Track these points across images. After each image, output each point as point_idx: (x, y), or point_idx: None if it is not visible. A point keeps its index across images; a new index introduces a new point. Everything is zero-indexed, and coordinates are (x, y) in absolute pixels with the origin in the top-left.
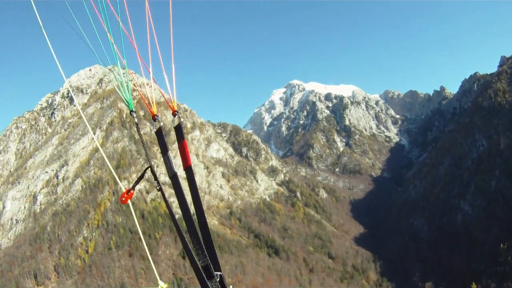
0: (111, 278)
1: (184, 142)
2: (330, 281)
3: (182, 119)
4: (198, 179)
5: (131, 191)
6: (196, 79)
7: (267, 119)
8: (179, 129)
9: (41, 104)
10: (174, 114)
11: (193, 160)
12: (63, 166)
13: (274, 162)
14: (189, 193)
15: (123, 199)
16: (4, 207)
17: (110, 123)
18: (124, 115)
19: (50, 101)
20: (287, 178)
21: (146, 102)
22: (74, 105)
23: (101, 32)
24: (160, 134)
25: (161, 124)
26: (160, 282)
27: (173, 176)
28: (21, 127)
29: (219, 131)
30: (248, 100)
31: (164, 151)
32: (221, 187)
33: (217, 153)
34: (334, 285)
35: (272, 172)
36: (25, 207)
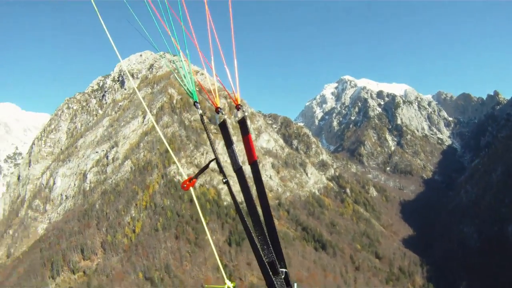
0: (156, 258)
1: (249, 135)
2: (375, 281)
3: (246, 113)
4: (247, 168)
5: (194, 180)
6: (248, 69)
7: (318, 113)
8: (243, 123)
9: (92, 87)
10: (237, 108)
11: (242, 150)
12: (113, 147)
13: (325, 156)
14: (254, 187)
15: (185, 186)
16: (54, 183)
17: (160, 108)
18: (174, 101)
19: (101, 83)
20: (337, 174)
21: (208, 94)
22: (125, 89)
23: (158, 21)
24: (224, 126)
25: (225, 116)
26: (227, 281)
27: (238, 170)
28: (72, 107)
29: (270, 122)
30: (299, 93)
31: (229, 144)
32: (270, 177)
33: (267, 143)
34: (379, 286)
35: (322, 166)
36: (75, 184)
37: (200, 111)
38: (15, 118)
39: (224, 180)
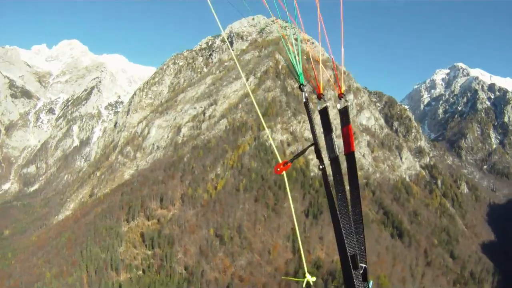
0: (231, 217)
1: (349, 126)
2: (443, 281)
3: (349, 103)
4: (342, 142)
5: (288, 164)
6: (359, 44)
7: (425, 98)
8: (345, 113)
9: (201, 45)
10: (340, 96)
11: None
12: (211, 105)
13: (423, 143)
14: (348, 178)
15: (278, 169)
16: (149, 133)
17: (265, 72)
18: (280, 67)
19: (210, 43)
20: (432, 163)
21: (312, 79)
22: (233, 50)
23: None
24: (324, 112)
25: (327, 104)
26: (307, 275)
27: (334, 159)
28: (178, 63)
29: (374, 100)
30: (408, 74)
31: (328, 131)
32: (363, 156)
33: (367, 121)
34: (446, 287)
35: (418, 153)
36: (168, 136)
37: (306, 95)
38: (122, 69)
39: (320, 167)
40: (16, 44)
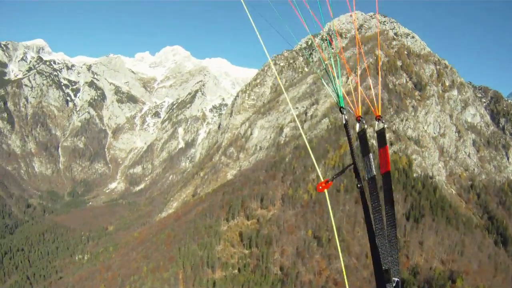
0: (330, 219)
1: (385, 147)
2: None
3: (385, 125)
4: (447, 141)
5: (330, 182)
6: (463, 37)
7: None
8: (382, 134)
9: (301, 45)
10: (377, 119)
11: (446, 121)
12: (313, 104)
13: None
14: (384, 197)
15: (320, 187)
16: (251, 134)
17: (365, 69)
18: (381, 63)
19: (309, 42)
20: None
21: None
22: (333, 48)
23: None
24: (363, 135)
25: (365, 126)
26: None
27: (371, 179)
28: (279, 64)
29: (479, 95)
30: None
31: (365, 152)
32: (468, 155)
33: (473, 118)
34: None
35: None
36: (270, 137)
37: (346, 118)
38: (225, 72)
39: (358, 185)
40: (119, 53)
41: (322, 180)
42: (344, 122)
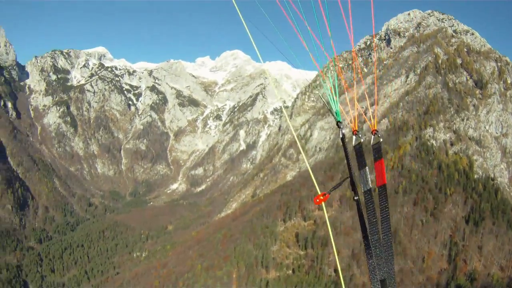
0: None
1: (381, 160)
2: None
3: (381, 139)
4: (509, 141)
5: (327, 195)
6: None
7: None
8: (378, 148)
9: (359, 45)
10: (373, 133)
11: (508, 120)
12: (372, 105)
13: None
14: (379, 209)
15: (317, 200)
16: (311, 135)
17: (425, 67)
18: (440, 61)
19: (368, 42)
20: None
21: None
22: (391, 47)
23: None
24: (359, 149)
25: (362, 139)
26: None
27: (366, 191)
28: (338, 65)
29: None
30: None
31: (361, 166)
32: None
33: None
34: None
35: None
36: (330, 138)
37: (344, 132)
38: (285, 74)
39: (355, 198)
40: (180, 58)
41: (320, 193)
42: (341, 136)
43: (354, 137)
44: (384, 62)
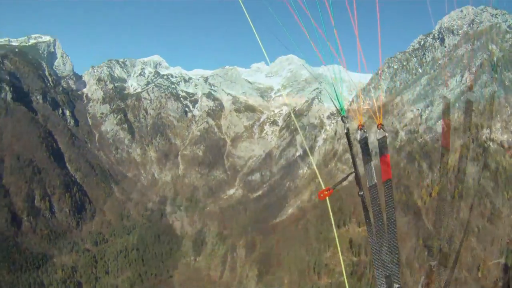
0: (442, 227)
1: (387, 155)
2: None
3: (387, 134)
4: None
5: (331, 190)
6: None
7: None
8: (383, 143)
9: (413, 46)
10: (379, 127)
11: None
12: (428, 106)
13: None
14: (385, 203)
15: (321, 195)
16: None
17: (480, 66)
18: (495, 58)
19: (422, 42)
20: None
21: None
22: (445, 46)
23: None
24: (365, 143)
25: (366, 134)
26: None
27: (372, 186)
28: (392, 67)
29: None
30: None
31: (367, 160)
32: None
33: None
34: None
35: None
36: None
37: (348, 126)
38: (341, 78)
39: (360, 193)
40: (235, 64)
41: (324, 187)
42: (345, 130)
43: (359, 132)
44: (439, 62)
